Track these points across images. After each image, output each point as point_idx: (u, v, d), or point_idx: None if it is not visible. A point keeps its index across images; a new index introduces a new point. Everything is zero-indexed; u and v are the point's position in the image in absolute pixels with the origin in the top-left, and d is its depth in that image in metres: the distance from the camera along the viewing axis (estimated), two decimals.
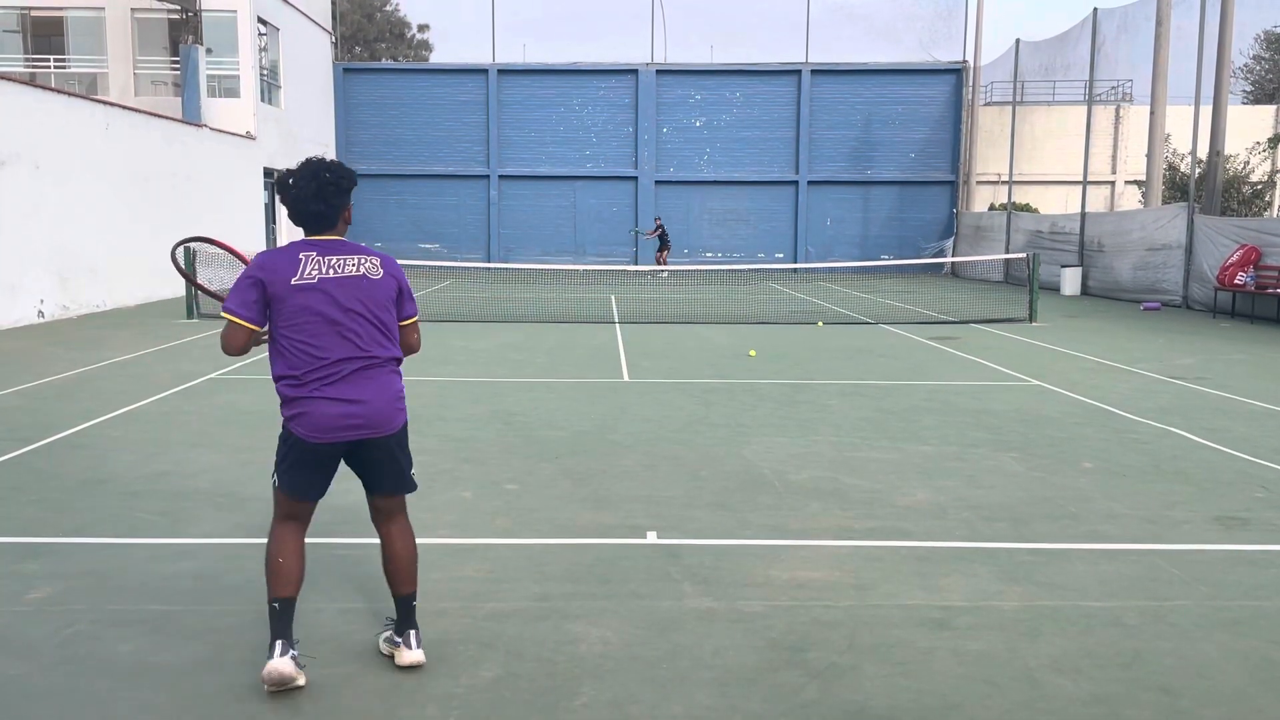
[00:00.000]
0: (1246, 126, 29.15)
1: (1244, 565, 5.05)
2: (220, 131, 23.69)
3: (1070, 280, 23.89)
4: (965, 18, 32.84)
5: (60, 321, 16.08)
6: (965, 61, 32.85)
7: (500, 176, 33.59)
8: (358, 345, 3.53)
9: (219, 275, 21.57)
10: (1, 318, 15.03)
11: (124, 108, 19.78)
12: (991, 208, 32.07)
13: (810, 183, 33.40)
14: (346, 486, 6.28)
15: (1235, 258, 17.99)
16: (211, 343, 13.32)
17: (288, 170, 3.55)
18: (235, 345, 3.55)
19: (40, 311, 16.06)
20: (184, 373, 10.72)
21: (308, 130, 30.21)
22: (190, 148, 22.02)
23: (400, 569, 3.76)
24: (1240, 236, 18.45)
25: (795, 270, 31.94)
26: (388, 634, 3.85)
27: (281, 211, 27.78)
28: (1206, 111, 19.91)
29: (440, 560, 4.99)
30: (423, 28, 56.79)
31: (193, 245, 4.18)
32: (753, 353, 12.47)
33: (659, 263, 30.04)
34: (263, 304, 3.50)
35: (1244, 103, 41.48)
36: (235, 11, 25.04)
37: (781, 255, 33.59)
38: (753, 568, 4.91)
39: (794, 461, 7.07)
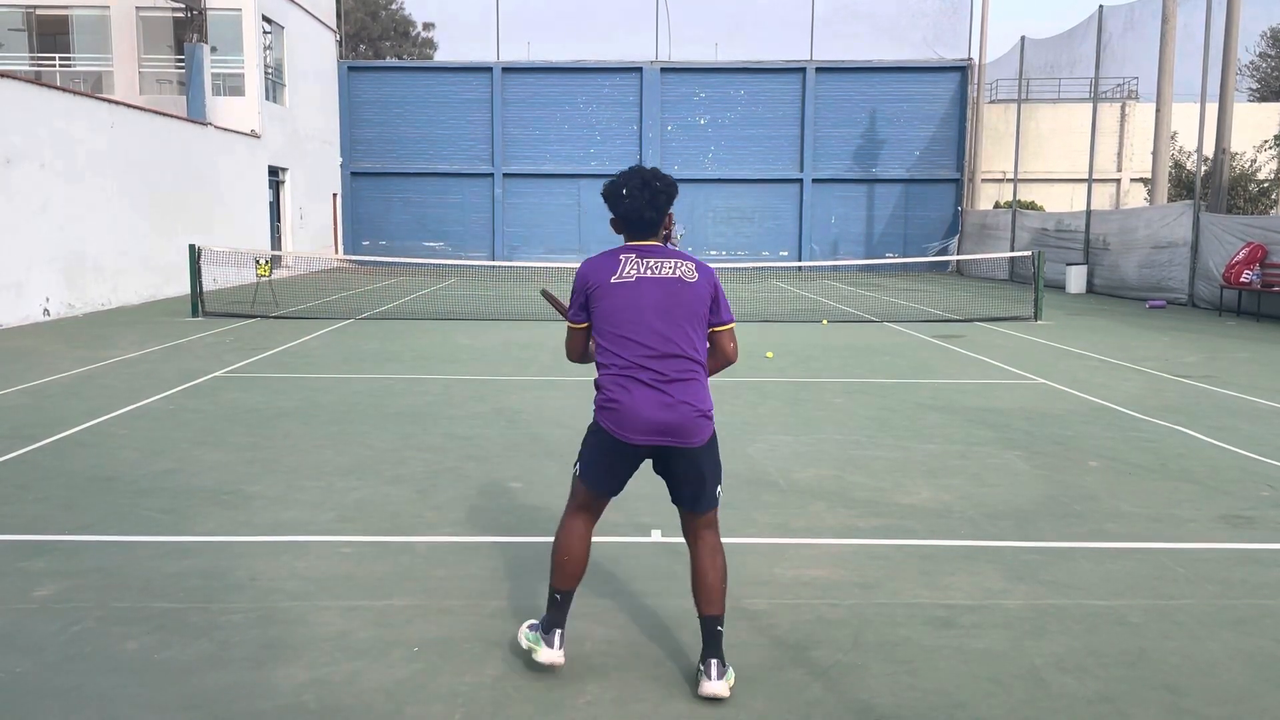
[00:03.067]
0: (1252, 124, 29.09)
1: (1250, 564, 5.04)
2: (225, 130, 23.72)
3: (1075, 278, 23.85)
4: (970, 15, 32.86)
5: (66, 320, 16.11)
6: (970, 59, 32.81)
7: (504, 175, 33.61)
8: (673, 345, 3.55)
9: (222, 273, 21.61)
10: (7, 316, 15.07)
11: (129, 106, 19.80)
12: (996, 205, 32.04)
13: (815, 181, 33.38)
14: (350, 484, 6.30)
15: (1241, 255, 17.95)
16: (215, 341, 13.35)
17: (618, 179, 3.65)
18: (574, 349, 3.82)
19: (46, 310, 16.10)
20: (189, 370, 10.74)
21: (312, 128, 30.24)
22: (195, 146, 22.06)
23: (703, 588, 3.64)
24: (1246, 234, 18.41)
25: (800, 268, 31.92)
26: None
27: (286, 210, 27.85)
28: (1212, 109, 19.87)
29: (445, 558, 5.00)
30: (427, 26, 56.90)
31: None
32: (770, 354, 12.44)
33: None
34: (585, 306, 3.66)
35: (1250, 100, 41.41)
36: (240, 10, 25.07)
37: (786, 253, 33.58)
38: (757, 566, 4.90)
39: (798, 460, 7.07)
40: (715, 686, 3.51)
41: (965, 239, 32.12)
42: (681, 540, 5.26)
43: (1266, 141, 28.13)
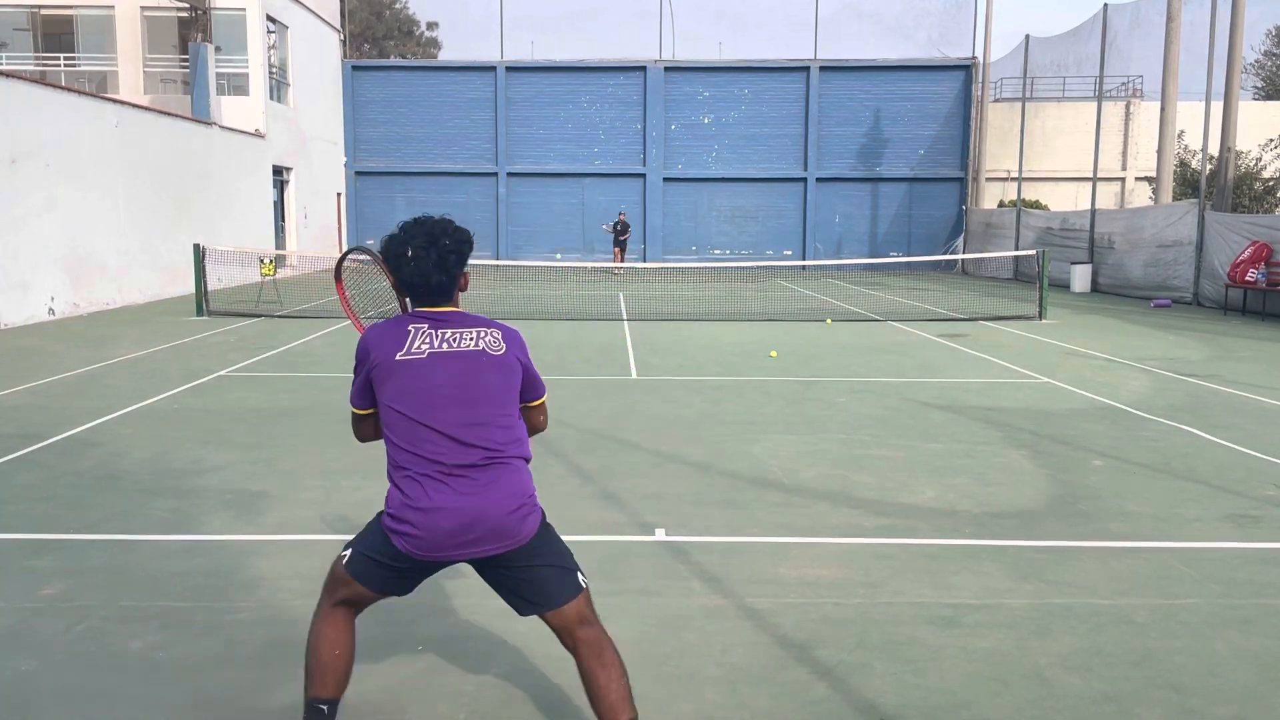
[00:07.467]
0: (1257, 123, 29.03)
1: (1255, 563, 5.03)
2: (230, 129, 23.75)
3: (1080, 277, 23.83)
4: (975, 14, 32.77)
5: (71, 319, 16.14)
6: (975, 58, 32.75)
7: (508, 174, 33.61)
8: (476, 438, 2.93)
9: (226, 273, 21.62)
10: (13, 315, 15.10)
11: (134, 106, 19.83)
12: (1001, 204, 31.98)
13: (819, 180, 33.34)
14: (354, 484, 6.31)
15: (1246, 254, 17.91)
16: (220, 340, 13.36)
17: (398, 234, 3.05)
18: (361, 434, 3.14)
19: (51, 309, 16.13)
20: (194, 370, 10.76)
21: (317, 128, 30.26)
22: (200, 146, 22.08)
23: (602, 698, 2.99)
24: (1251, 233, 18.37)
25: (804, 267, 31.90)
26: None
27: (290, 210, 27.88)
28: (1217, 107, 19.82)
29: None
30: (431, 25, 56.97)
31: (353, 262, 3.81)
32: (774, 354, 12.43)
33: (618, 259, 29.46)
34: (368, 387, 3.02)
35: (1255, 99, 41.33)
36: (244, 9, 25.10)
37: (790, 252, 33.56)
38: (761, 565, 4.90)
39: (802, 459, 7.06)
40: None
41: (970, 238, 32.07)
42: (687, 538, 5.28)
43: (1272, 140, 28.06)
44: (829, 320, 16.79)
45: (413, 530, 2.87)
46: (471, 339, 3.01)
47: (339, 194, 32.87)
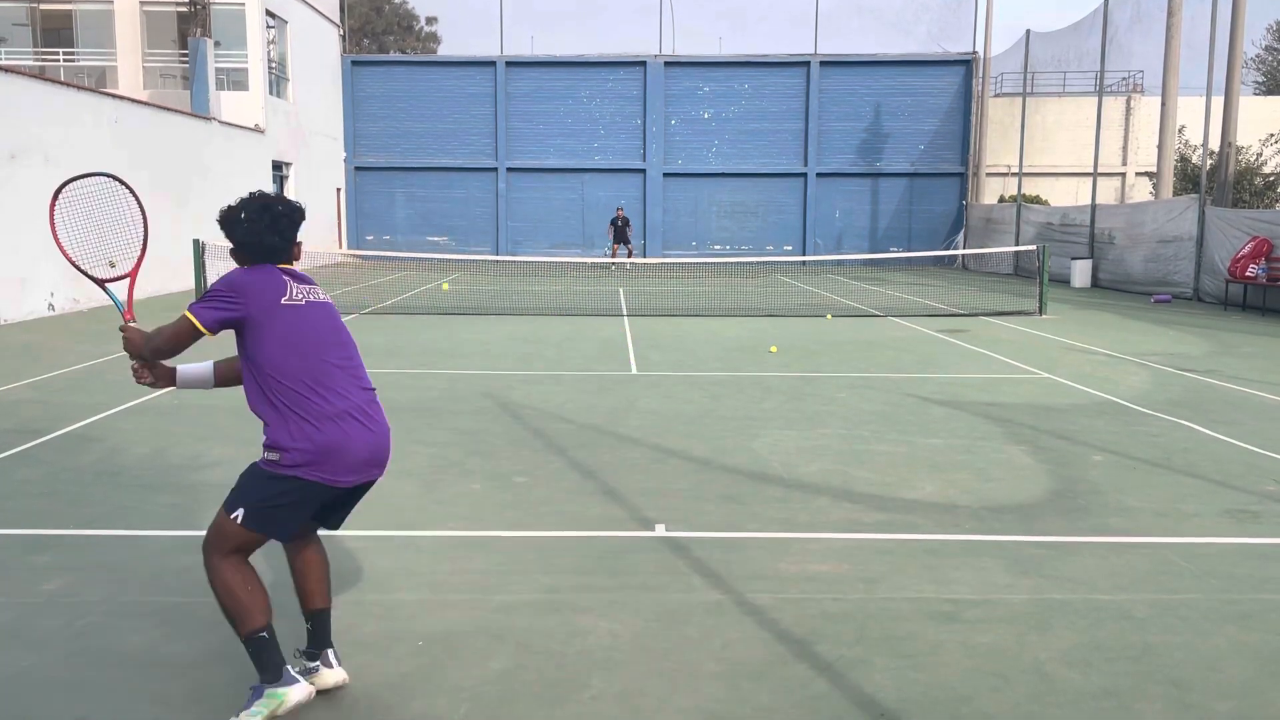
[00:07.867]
0: (1258, 118, 28.97)
1: (1255, 558, 5.03)
2: (229, 125, 23.72)
3: (1080, 272, 23.81)
4: (975, 9, 32.71)
5: (70, 315, 16.14)
6: (975, 53, 32.71)
7: (508, 169, 33.58)
8: (360, 373, 3.43)
9: (226, 268, 21.63)
10: (12, 311, 15.09)
11: (133, 101, 19.81)
12: (1001, 200, 31.94)
13: (819, 175, 33.31)
14: None
15: (1246, 250, 17.90)
16: (221, 337, 13.34)
17: (231, 205, 3.43)
18: (176, 348, 3.57)
19: (51, 305, 16.12)
20: None
21: (316, 123, 30.23)
22: (199, 141, 22.06)
23: (317, 583, 3.58)
24: (1252, 228, 18.35)
25: (804, 263, 31.89)
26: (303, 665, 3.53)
27: None
28: (1218, 102, 19.80)
29: (449, 552, 5.01)
30: (431, 20, 56.90)
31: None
32: (774, 349, 12.42)
33: (615, 254, 29.29)
34: (232, 322, 3.36)
35: (1255, 94, 41.28)
36: (244, 5, 25.07)
37: (790, 248, 33.53)
38: (761, 561, 4.91)
39: (802, 454, 7.07)
40: (342, 672, 3.51)
41: (970, 233, 32.04)
42: (687, 533, 5.28)
43: (1272, 135, 28.00)
44: (829, 316, 16.79)
45: (328, 459, 3.21)
46: (319, 293, 3.43)
47: (339, 189, 32.84)
